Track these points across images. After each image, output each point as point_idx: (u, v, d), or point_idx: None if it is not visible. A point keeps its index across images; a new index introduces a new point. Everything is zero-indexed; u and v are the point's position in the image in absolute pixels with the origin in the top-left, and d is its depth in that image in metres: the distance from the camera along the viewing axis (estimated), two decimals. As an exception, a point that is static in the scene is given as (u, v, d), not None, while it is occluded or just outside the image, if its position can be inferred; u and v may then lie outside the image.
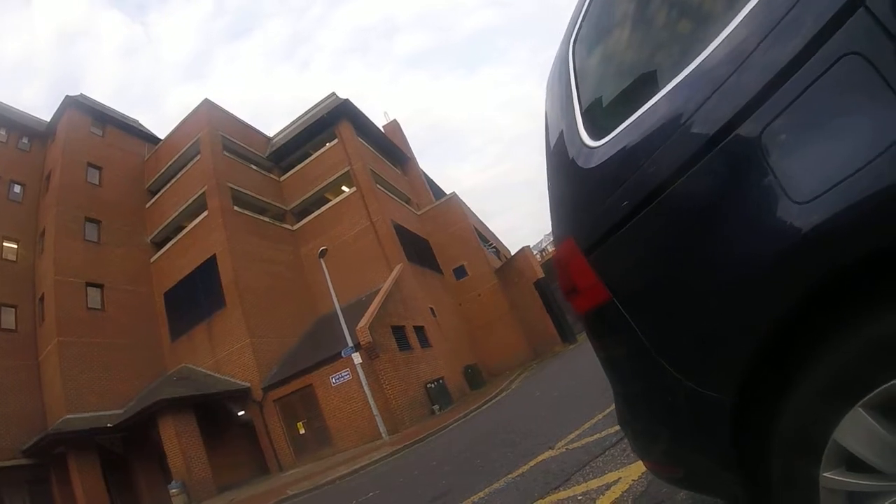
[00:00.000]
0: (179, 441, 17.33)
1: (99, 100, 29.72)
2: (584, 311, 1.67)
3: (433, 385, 18.76)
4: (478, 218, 37.73)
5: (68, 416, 18.56)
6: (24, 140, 25.88)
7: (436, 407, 17.98)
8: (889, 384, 0.95)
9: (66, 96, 26.32)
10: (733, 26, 1.14)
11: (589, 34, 1.81)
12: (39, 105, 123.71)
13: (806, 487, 1.13)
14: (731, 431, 1.23)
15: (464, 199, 33.38)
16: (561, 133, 1.78)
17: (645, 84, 1.44)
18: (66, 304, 20.89)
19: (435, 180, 42.89)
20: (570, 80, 1.83)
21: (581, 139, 1.63)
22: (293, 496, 10.90)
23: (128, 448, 19.95)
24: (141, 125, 31.84)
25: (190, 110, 27.75)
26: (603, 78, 1.76)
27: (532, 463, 4.99)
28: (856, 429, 1.02)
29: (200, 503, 16.00)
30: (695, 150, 1.17)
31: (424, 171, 39.08)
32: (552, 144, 1.85)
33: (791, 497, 1.18)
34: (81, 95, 27.75)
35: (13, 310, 21.59)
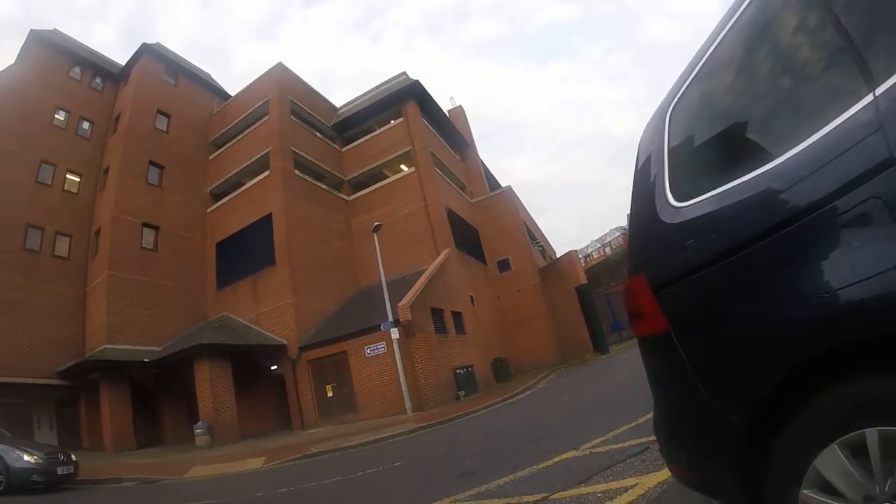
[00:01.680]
0: (212, 385, 18.13)
1: (171, 47, 30.72)
2: (644, 335, 2.01)
3: (462, 371, 18.98)
4: (529, 214, 37.58)
5: (107, 346, 19.74)
6: (98, 80, 27.14)
7: (461, 393, 18.23)
8: (859, 432, 1.28)
9: (143, 43, 27.45)
10: (804, 145, 1.43)
11: (687, 107, 2.05)
12: (108, 45, 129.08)
13: (789, 499, 1.45)
14: (744, 448, 1.56)
15: (516, 193, 33.27)
16: (648, 187, 2.07)
17: (731, 165, 1.72)
18: (121, 241, 22.07)
19: (490, 169, 42.87)
20: (662, 143, 2.08)
21: (666, 197, 1.94)
22: (317, 454, 11.21)
23: (158, 384, 21.10)
24: (212, 79, 32.92)
25: (258, 69, 29.06)
26: (693, 149, 2.01)
27: (556, 459, 5.10)
28: (830, 460, 1.34)
29: (223, 446, 16.58)
30: (763, 229, 1.48)
31: (482, 159, 39.15)
32: (639, 193, 2.15)
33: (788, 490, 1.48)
34: (158, 44, 28.84)
35: (68, 239, 22.95)
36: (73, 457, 10.92)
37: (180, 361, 19.02)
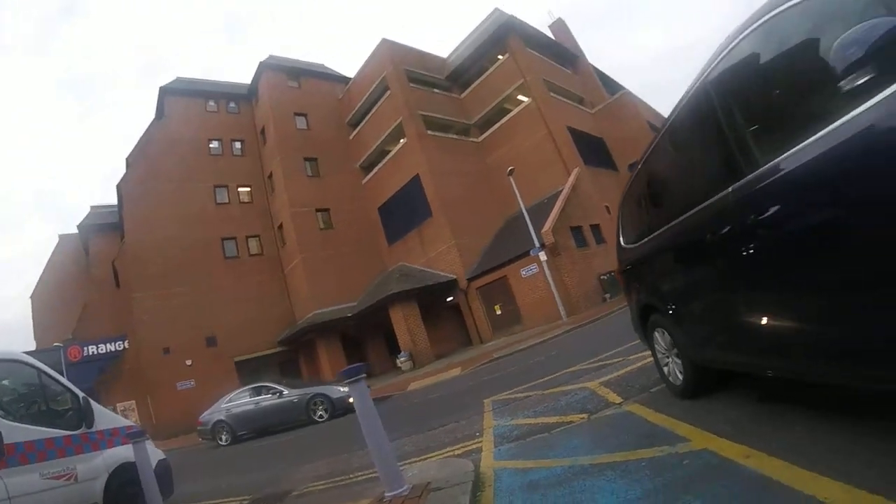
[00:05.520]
0: (406, 323, 22.90)
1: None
2: (621, 285, 5.12)
3: (605, 277, 21.64)
4: (652, 110, 37.20)
5: (316, 311, 25.51)
6: (232, 104, 32.61)
7: (607, 295, 21.04)
8: (658, 328, 4.19)
9: (260, 62, 32.11)
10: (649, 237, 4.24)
11: (624, 207, 4.88)
12: (218, 50, 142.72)
13: (652, 342, 4.45)
14: (642, 325, 4.59)
15: (637, 77, 33.32)
16: (617, 234, 5.06)
17: (642, 229, 4.43)
18: (303, 228, 27.74)
19: (605, 66, 42.38)
20: (619, 218, 5.04)
21: (621, 242, 4.94)
22: (498, 358, 14.84)
23: (360, 330, 26.65)
24: (327, 68, 37.07)
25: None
26: (626, 225, 4.88)
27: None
28: (657, 335, 4.31)
29: (423, 367, 21.08)
30: (640, 258, 4.39)
31: (593, 65, 39.05)
32: (616, 235, 5.11)
33: (651, 346, 4.48)
34: (271, 57, 33.27)
35: (257, 238, 29.44)
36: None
37: (377, 310, 24.03)
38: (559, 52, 34.78)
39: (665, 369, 4.25)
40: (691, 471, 2.58)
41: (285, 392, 13.71)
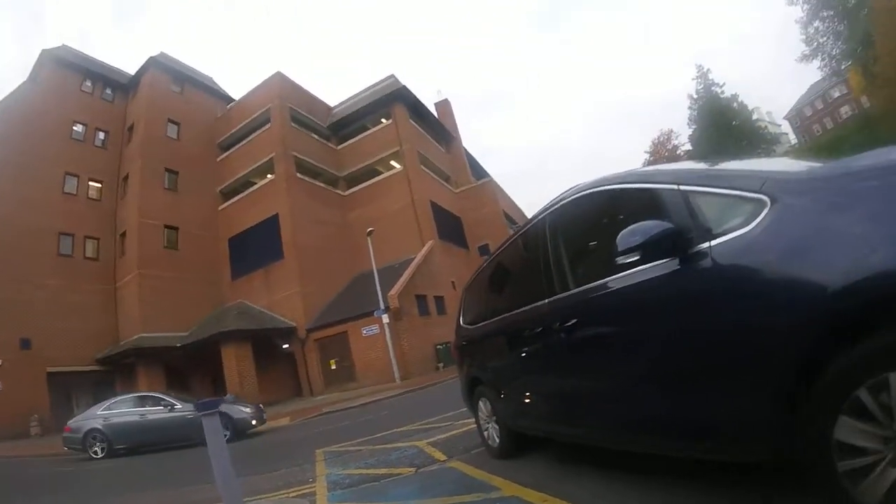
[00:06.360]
0: (237, 363, 21.86)
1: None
2: (456, 358, 5.91)
3: (441, 347, 22.88)
4: (509, 199, 41.09)
5: (143, 335, 23.36)
6: (108, 91, 30.04)
7: (440, 364, 22.20)
8: (482, 398, 4.99)
9: (150, 57, 30.20)
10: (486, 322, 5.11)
11: (468, 294, 5.75)
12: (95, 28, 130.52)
13: (476, 409, 5.19)
14: (470, 395, 5.38)
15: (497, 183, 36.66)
16: (458, 316, 5.85)
17: (479, 314, 5.26)
18: (147, 242, 25.59)
19: (477, 151, 46.08)
20: (461, 304, 5.90)
21: (461, 321, 5.72)
22: (329, 412, 14.90)
23: (187, 363, 24.63)
24: (215, 83, 35.88)
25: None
26: (468, 307, 5.70)
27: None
28: (481, 403, 5.04)
29: None
30: (478, 336, 5.14)
31: (466, 148, 42.38)
32: (458, 317, 5.89)
33: (476, 413, 5.24)
34: (162, 54, 31.56)
35: (96, 242, 26.41)
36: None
37: (208, 344, 22.64)
38: (438, 129, 37.34)
39: (486, 433, 5.03)
40: (500, 513, 3.31)
41: (177, 406, 12.17)
